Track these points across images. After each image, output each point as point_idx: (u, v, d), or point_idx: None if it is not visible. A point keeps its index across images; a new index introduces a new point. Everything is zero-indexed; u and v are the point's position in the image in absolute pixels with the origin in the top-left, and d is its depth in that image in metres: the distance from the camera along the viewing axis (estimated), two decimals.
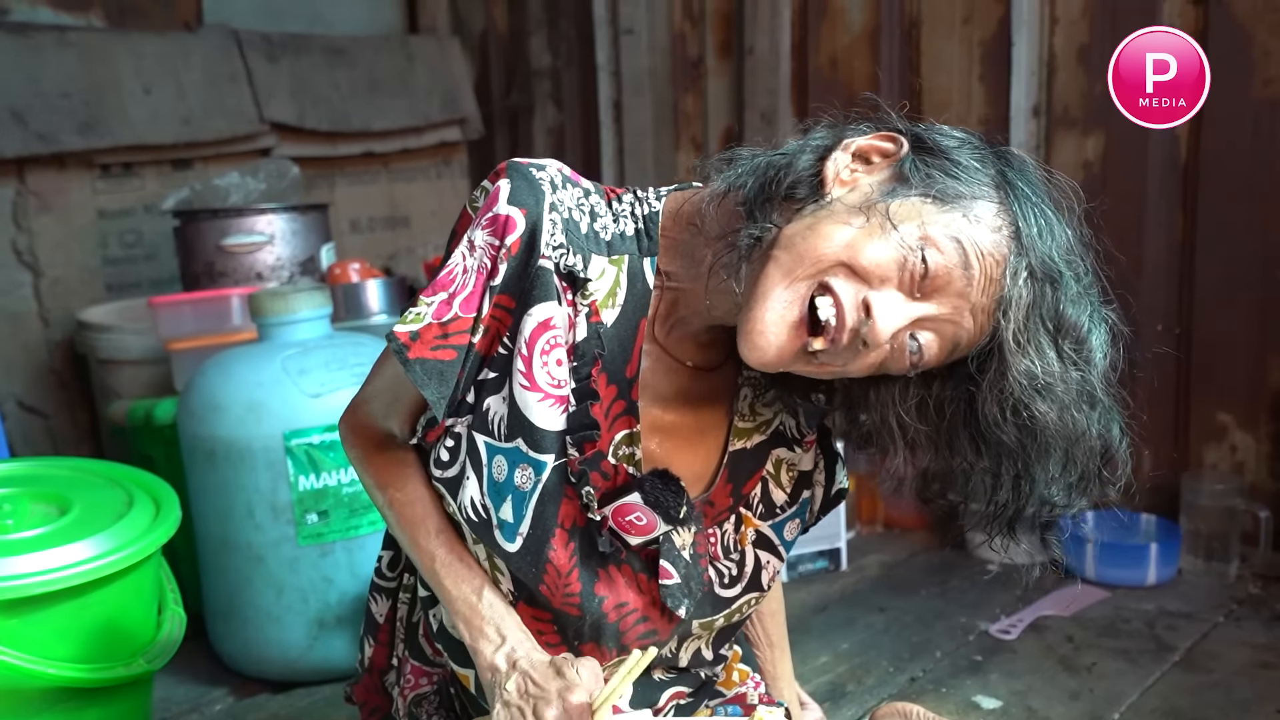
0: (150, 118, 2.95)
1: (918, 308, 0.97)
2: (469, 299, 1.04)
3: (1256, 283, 2.21)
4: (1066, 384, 0.97)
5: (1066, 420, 0.98)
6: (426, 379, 1.03)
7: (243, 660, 1.95)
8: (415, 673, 1.31)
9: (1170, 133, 2.28)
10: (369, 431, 1.20)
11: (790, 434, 1.22)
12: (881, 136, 1.03)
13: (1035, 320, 0.96)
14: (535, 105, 3.74)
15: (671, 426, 1.15)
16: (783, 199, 1.01)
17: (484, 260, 1.05)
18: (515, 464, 1.07)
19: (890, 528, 2.66)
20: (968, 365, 1.01)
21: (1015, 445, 1.00)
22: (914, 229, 0.95)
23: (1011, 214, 0.97)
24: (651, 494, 1.10)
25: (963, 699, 1.77)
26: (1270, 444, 2.25)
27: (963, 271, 0.95)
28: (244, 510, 1.86)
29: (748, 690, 1.36)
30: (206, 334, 2.26)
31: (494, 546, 1.10)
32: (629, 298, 1.09)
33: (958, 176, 0.98)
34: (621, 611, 1.16)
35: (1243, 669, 1.84)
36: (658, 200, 1.12)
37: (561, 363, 1.06)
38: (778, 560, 1.25)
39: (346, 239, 3.44)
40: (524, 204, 1.04)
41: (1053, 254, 0.97)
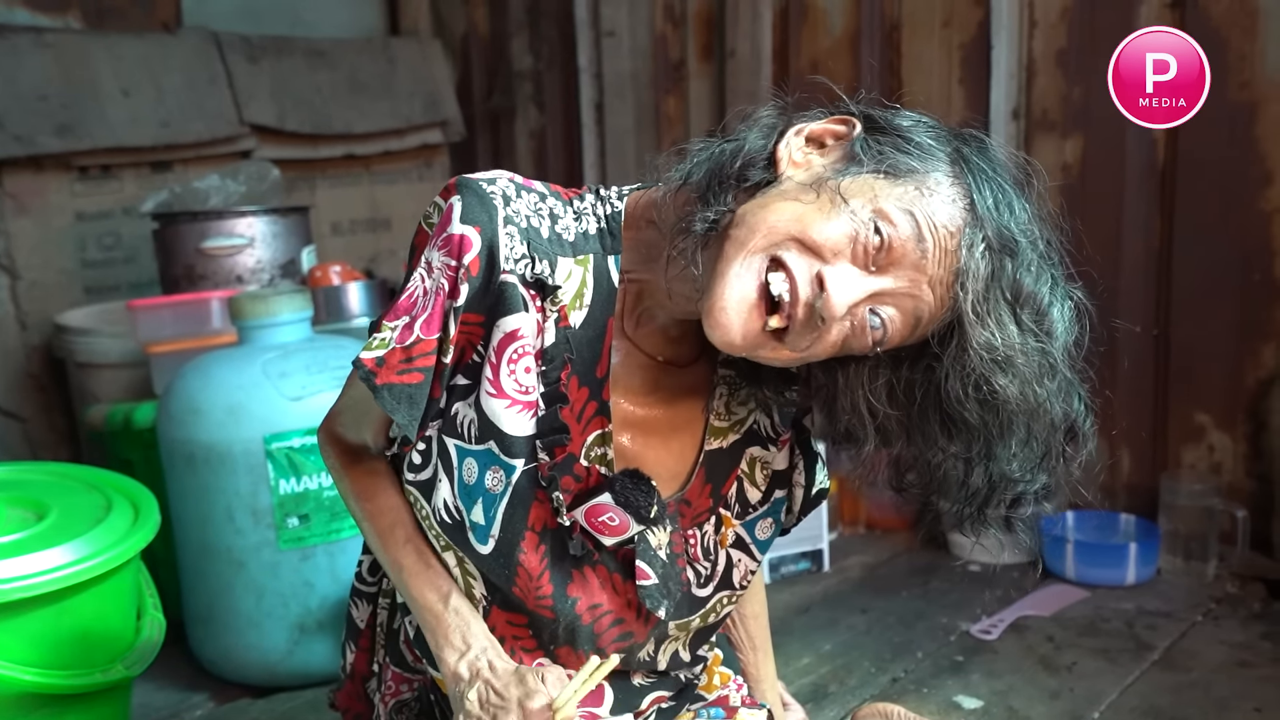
0: (129, 120, 2.94)
1: (874, 281, 0.96)
2: (429, 321, 1.04)
3: (1233, 285, 2.23)
4: (1027, 356, 0.96)
5: (1027, 394, 0.97)
6: (396, 404, 1.03)
7: (223, 665, 1.94)
8: (396, 679, 1.31)
9: (1148, 136, 2.30)
10: (343, 442, 1.20)
11: (765, 432, 1.22)
12: (834, 120, 1.02)
13: (995, 292, 0.95)
14: (517, 107, 3.73)
15: (643, 421, 1.15)
16: (736, 183, 1.01)
17: (441, 281, 1.04)
18: (486, 466, 1.07)
19: (872, 529, 2.67)
20: (931, 343, 1.00)
21: (978, 422, 0.99)
22: (865, 203, 0.95)
23: (966, 186, 0.97)
24: (622, 494, 1.09)
25: (944, 699, 1.78)
26: (1247, 444, 2.27)
27: (916, 244, 0.94)
28: (224, 514, 1.85)
29: (730, 693, 1.35)
30: (186, 337, 2.25)
31: (467, 549, 1.10)
32: (595, 297, 1.09)
33: (909, 152, 0.97)
34: (596, 613, 1.16)
35: (1221, 667, 1.85)
36: (619, 200, 1.12)
37: (530, 370, 1.06)
38: (750, 560, 1.24)
39: (327, 241, 3.43)
40: (477, 221, 1.03)
41: (1010, 225, 0.96)
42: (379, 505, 1.16)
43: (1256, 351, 2.23)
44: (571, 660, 1.18)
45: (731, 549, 1.22)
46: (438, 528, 1.11)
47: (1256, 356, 2.23)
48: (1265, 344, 2.22)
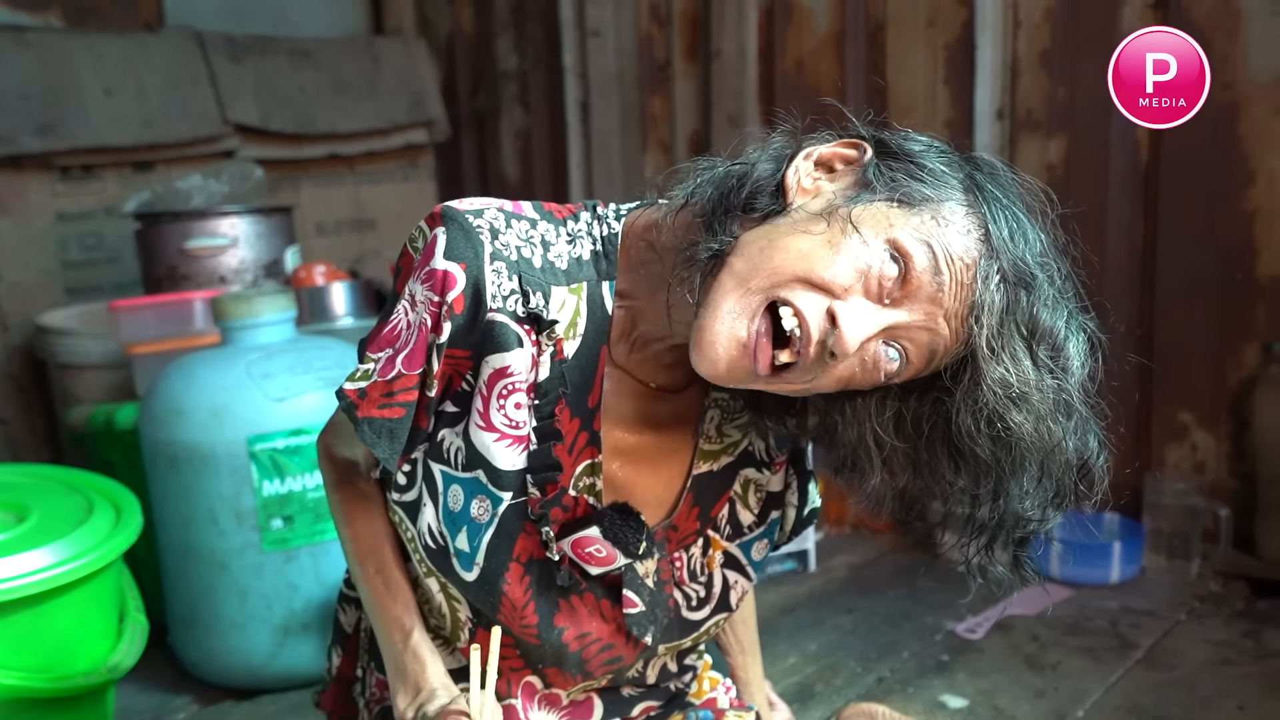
0: (111, 119, 2.92)
1: (888, 315, 0.92)
2: (411, 356, 1.01)
3: (1215, 285, 2.25)
4: (1042, 393, 0.93)
5: (1042, 431, 0.93)
6: (376, 438, 1.02)
7: (206, 668, 1.93)
8: (380, 685, 1.30)
9: (1131, 136, 2.31)
10: (336, 457, 1.19)
11: (759, 456, 1.20)
12: (844, 144, 0.99)
13: (1009, 326, 0.92)
14: (502, 107, 3.73)
15: (633, 449, 1.12)
16: (742, 210, 0.97)
17: (424, 316, 1.00)
18: (472, 495, 1.06)
19: (858, 529, 2.68)
20: (943, 377, 0.96)
21: (990, 459, 0.95)
22: (879, 233, 0.91)
23: (981, 216, 0.93)
24: (611, 529, 1.07)
25: (930, 699, 1.78)
26: (1230, 443, 2.28)
27: (933, 276, 0.91)
28: (207, 516, 1.84)
29: (718, 696, 1.35)
30: (168, 338, 2.23)
31: (451, 575, 1.09)
32: (589, 325, 1.05)
33: (923, 179, 0.93)
34: (584, 641, 1.15)
35: (1204, 665, 1.86)
36: (617, 220, 1.08)
37: (520, 405, 1.04)
38: (745, 580, 1.23)
39: (312, 242, 3.42)
40: (462, 258, 0.99)
41: (1025, 257, 0.93)
42: (357, 531, 1.16)
43: (1239, 351, 2.24)
44: (560, 680, 1.18)
45: (725, 570, 1.21)
46: (422, 551, 1.10)
47: (1239, 356, 2.25)
48: (1247, 344, 2.23)
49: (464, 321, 1.00)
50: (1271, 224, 2.17)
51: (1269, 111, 2.12)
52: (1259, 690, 1.76)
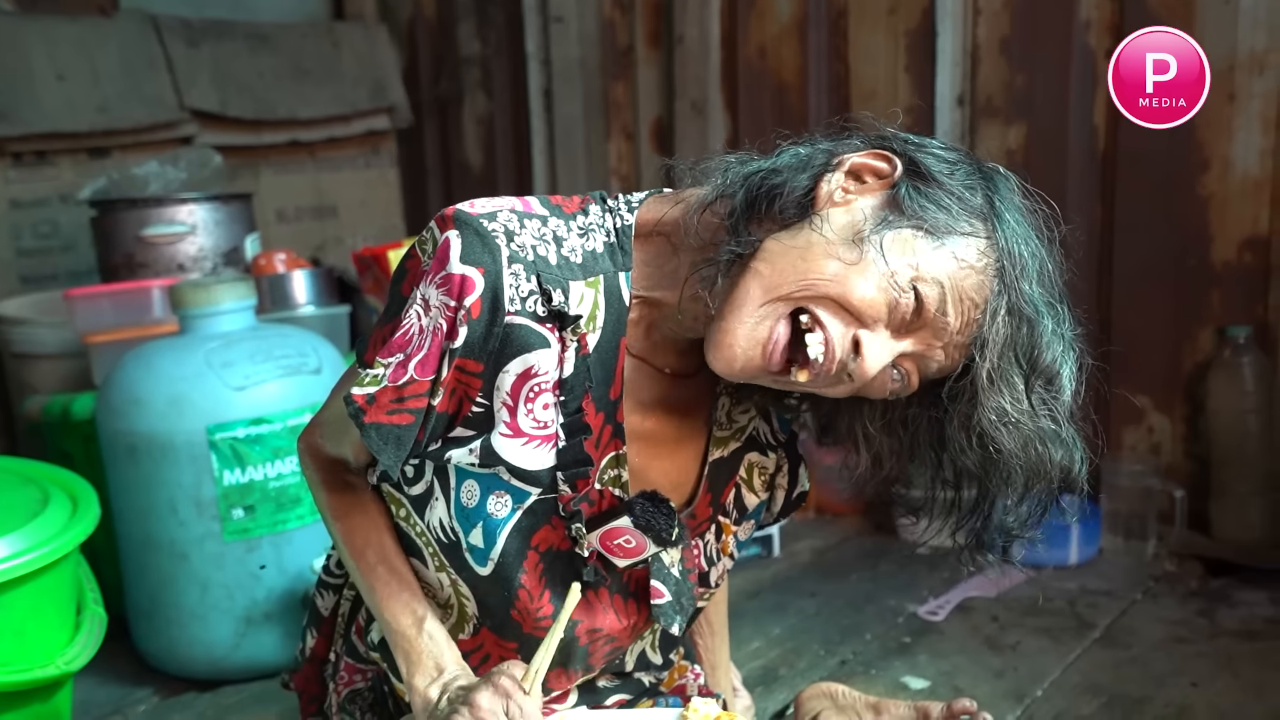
0: (65, 105, 2.87)
1: (901, 344, 0.97)
2: (425, 361, 1.00)
3: (1170, 271, 2.28)
4: (1035, 422, 0.98)
5: (1030, 454, 0.98)
6: (383, 444, 1.01)
7: (168, 660, 1.91)
8: (349, 669, 1.30)
9: (1089, 123, 2.34)
10: (322, 455, 1.17)
11: (764, 439, 1.22)
12: (875, 155, 1.00)
13: (1009, 358, 0.96)
14: (465, 94, 3.70)
15: (650, 434, 1.13)
16: (769, 216, 0.99)
17: (439, 321, 0.99)
18: (490, 490, 1.05)
19: (822, 514, 2.69)
20: (936, 391, 1.01)
21: (978, 470, 1.01)
22: (906, 267, 0.94)
23: (997, 250, 0.96)
24: (643, 517, 1.07)
25: (891, 680, 1.80)
26: (1185, 425, 2.32)
27: (941, 315, 0.95)
28: (167, 506, 1.82)
29: (687, 682, 1.36)
30: (126, 327, 2.20)
31: (462, 570, 1.09)
32: (608, 318, 1.05)
33: (949, 208, 0.96)
34: (594, 636, 1.15)
35: (1159, 644, 1.89)
36: (630, 212, 1.08)
37: (548, 405, 1.03)
38: (728, 560, 1.25)
39: (273, 229, 3.38)
40: (480, 263, 0.99)
41: (1034, 294, 0.97)
42: (352, 524, 1.14)
43: (1194, 335, 2.28)
44: (558, 680, 1.18)
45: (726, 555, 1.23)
46: (434, 545, 1.10)
47: (1194, 340, 2.28)
48: (1202, 328, 2.27)
49: (481, 328, 0.99)
50: (1225, 210, 2.20)
51: (1223, 99, 2.15)
52: (1212, 667, 1.79)
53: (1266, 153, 2.14)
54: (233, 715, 1.79)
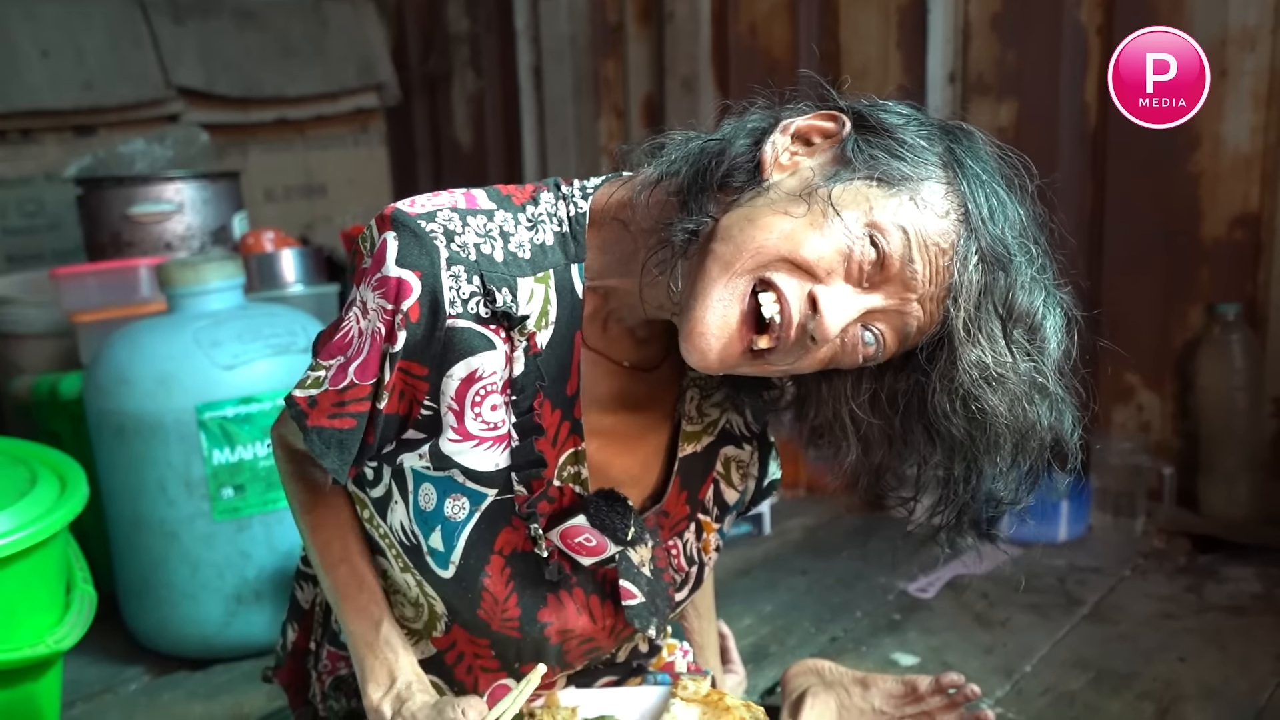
0: (49, 82, 2.85)
1: (865, 299, 0.91)
2: (364, 365, 0.98)
3: (1160, 249, 2.28)
4: (1018, 375, 0.92)
5: (1018, 413, 0.93)
6: (325, 448, 0.99)
7: (158, 639, 1.91)
8: (332, 657, 1.30)
9: (1080, 100, 2.33)
10: (291, 447, 1.16)
11: (738, 431, 1.20)
12: (822, 116, 0.97)
13: (986, 308, 0.91)
14: (454, 71, 3.68)
15: (610, 429, 1.11)
16: (719, 188, 0.95)
17: (377, 325, 0.97)
18: (446, 494, 1.04)
19: (813, 492, 2.70)
20: (918, 356, 0.96)
21: (965, 438, 0.95)
22: (859, 216, 0.89)
23: (960, 194, 0.91)
24: (598, 516, 1.06)
25: (881, 656, 1.81)
26: (1174, 403, 2.33)
27: (908, 262, 0.90)
28: (156, 486, 1.81)
29: (676, 659, 1.37)
30: (113, 306, 2.19)
31: (426, 573, 1.08)
32: (560, 313, 1.02)
33: (903, 157, 0.92)
34: (566, 635, 1.14)
35: (1147, 620, 1.90)
36: (584, 198, 1.05)
37: (496, 407, 1.01)
38: (716, 555, 1.25)
39: (261, 208, 3.37)
40: (417, 266, 0.96)
41: (1004, 236, 0.91)
42: (317, 519, 1.13)
43: (1184, 313, 2.28)
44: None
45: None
46: (398, 546, 1.09)
47: (1183, 317, 2.28)
48: (1192, 305, 2.27)
49: (422, 331, 0.97)
50: (1216, 187, 2.20)
51: (1215, 75, 2.15)
52: (1199, 642, 1.80)
53: (1257, 129, 2.13)
54: (224, 694, 1.79)
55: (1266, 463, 2.22)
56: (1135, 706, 1.60)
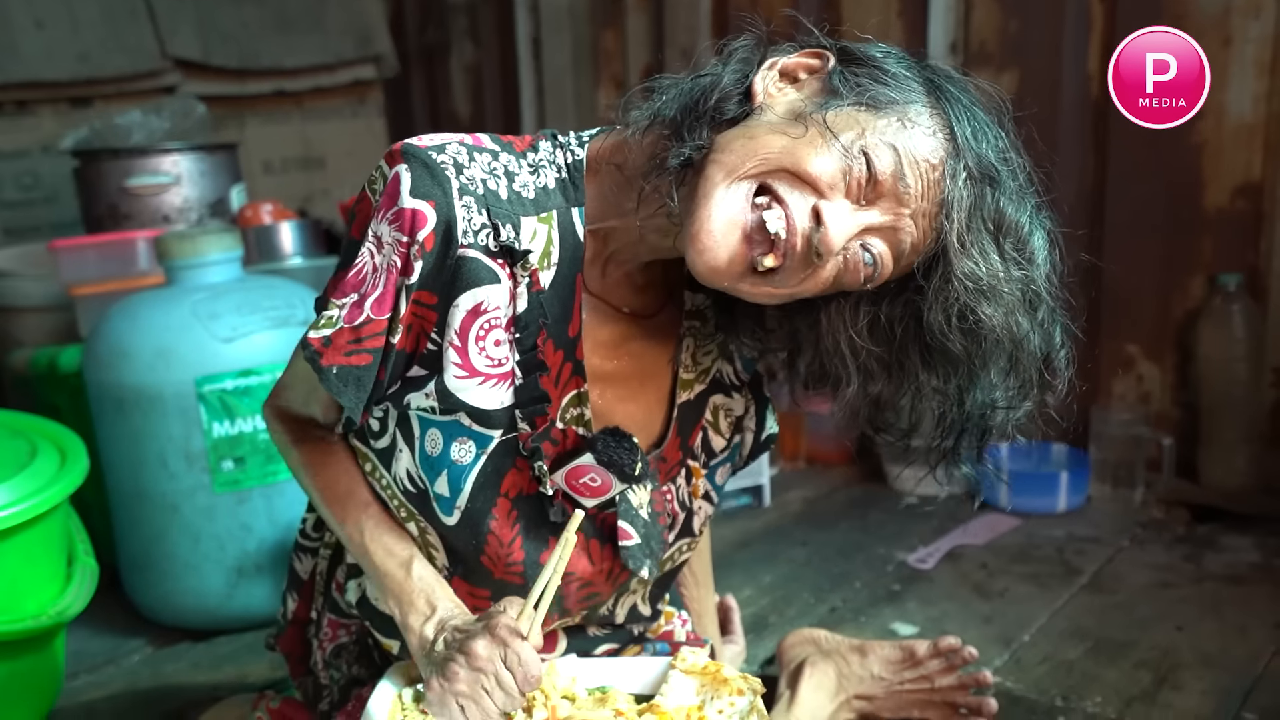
0: (44, 54, 2.83)
1: (864, 216, 0.94)
2: (381, 299, 0.99)
3: (1162, 220, 2.27)
4: (1010, 285, 0.96)
5: (1011, 323, 0.97)
6: (342, 386, 0.99)
7: (161, 610, 1.92)
8: (332, 625, 1.30)
9: (1083, 70, 2.31)
10: (290, 416, 1.16)
11: (728, 380, 1.22)
12: (807, 54, 1.01)
13: (977, 221, 0.95)
14: (452, 42, 3.65)
15: (612, 375, 1.12)
16: (711, 117, 0.97)
17: (393, 258, 0.98)
18: (452, 438, 1.04)
19: (813, 463, 2.70)
20: (913, 279, 0.99)
21: (961, 353, 0.98)
22: (853, 136, 0.93)
23: (945, 116, 0.95)
24: (605, 453, 1.07)
25: (880, 626, 1.82)
26: (1174, 374, 2.33)
27: (900, 179, 0.93)
28: (156, 459, 1.81)
29: (675, 628, 1.37)
30: (111, 278, 2.19)
31: (431, 519, 1.09)
32: (563, 254, 1.04)
33: (887, 83, 0.96)
34: (567, 580, 1.14)
35: (1144, 589, 1.91)
36: (580, 146, 1.07)
37: (500, 342, 1.02)
38: (709, 506, 1.26)
39: (259, 181, 3.35)
40: (430, 196, 0.97)
41: (988, 154, 0.96)
42: (331, 475, 1.13)
43: (1184, 284, 2.28)
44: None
45: (699, 499, 1.23)
46: (400, 497, 1.09)
47: (1184, 289, 2.28)
48: (1193, 276, 2.26)
49: (434, 260, 0.98)
50: (1219, 157, 2.19)
51: (1218, 44, 2.13)
52: (1196, 611, 1.81)
53: (1260, 97, 2.12)
54: (227, 664, 1.80)
55: (1265, 433, 2.22)
56: (1132, 675, 1.61)
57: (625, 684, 1.22)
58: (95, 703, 1.69)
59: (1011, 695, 1.57)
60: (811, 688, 1.45)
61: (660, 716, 1.14)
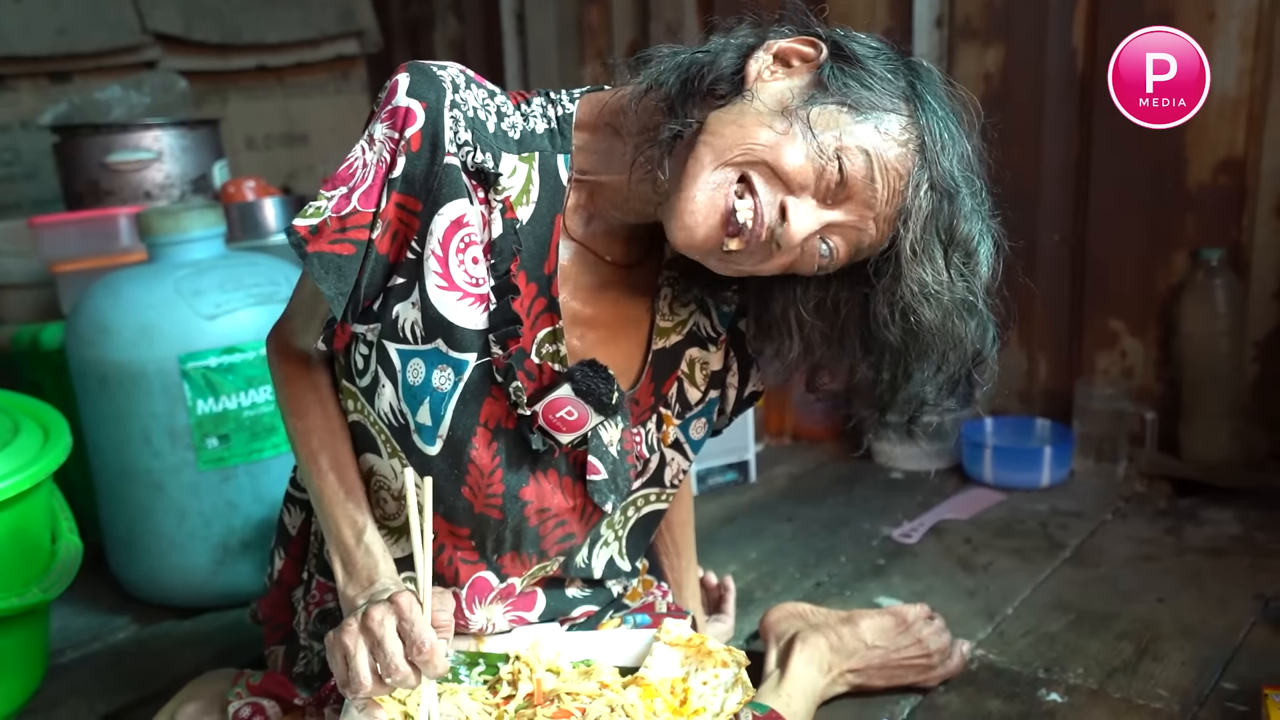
0: (22, 28, 2.80)
1: (827, 214, 1.01)
2: (367, 193, 1.04)
3: (1146, 195, 2.27)
4: (953, 294, 1.03)
5: (948, 326, 1.04)
6: (324, 273, 1.03)
7: (146, 588, 1.91)
8: (321, 589, 1.30)
9: (1068, 45, 2.31)
10: (288, 350, 1.19)
11: (704, 333, 1.25)
12: (802, 40, 1.05)
13: (931, 231, 1.01)
14: (435, 17, 3.62)
15: (592, 320, 1.16)
16: (704, 95, 1.03)
17: (383, 154, 1.04)
18: (433, 365, 1.07)
19: (798, 440, 2.71)
20: (865, 269, 1.06)
21: (899, 345, 1.06)
22: (831, 138, 0.98)
23: (919, 127, 1.01)
24: (583, 382, 1.12)
25: (865, 600, 1.83)
26: (1157, 349, 2.34)
27: (869, 184, 0.99)
28: (140, 436, 1.81)
29: (655, 599, 1.38)
30: (92, 255, 2.17)
31: (413, 453, 1.11)
32: (543, 194, 1.10)
33: (871, 87, 1.01)
34: (543, 516, 1.18)
35: (1127, 562, 1.93)
36: (571, 102, 1.14)
37: (478, 260, 1.07)
38: (683, 459, 1.28)
39: (243, 157, 3.33)
40: (424, 98, 1.03)
41: (953, 169, 1.01)
42: (309, 425, 1.16)
43: (1168, 259, 2.29)
44: (514, 566, 1.19)
45: (668, 448, 1.26)
46: (386, 431, 1.12)
47: (1168, 264, 2.29)
48: (1176, 251, 2.27)
49: (420, 162, 1.03)
50: (1202, 133, 2.19)
51: (1203, 18, 2.13)
52: (1177, 583, 1.83)
53: (1245, 72, 2.12)
54: (213, 641, 1.80)
55: (1247, 407, 2.24)
56: (1114, 646, 1.63)
57: (610, 657, 1.23)
58: (81, 680, 1.69)
59: (995, 667, 1.58)
60: (803, 662, 1.46)
61: (645, 689, 1.15)
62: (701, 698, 1.15)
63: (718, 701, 1.14)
